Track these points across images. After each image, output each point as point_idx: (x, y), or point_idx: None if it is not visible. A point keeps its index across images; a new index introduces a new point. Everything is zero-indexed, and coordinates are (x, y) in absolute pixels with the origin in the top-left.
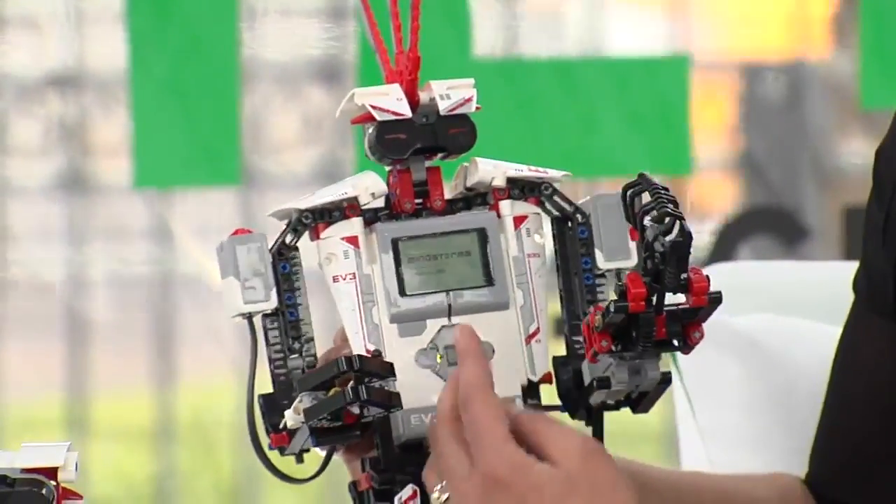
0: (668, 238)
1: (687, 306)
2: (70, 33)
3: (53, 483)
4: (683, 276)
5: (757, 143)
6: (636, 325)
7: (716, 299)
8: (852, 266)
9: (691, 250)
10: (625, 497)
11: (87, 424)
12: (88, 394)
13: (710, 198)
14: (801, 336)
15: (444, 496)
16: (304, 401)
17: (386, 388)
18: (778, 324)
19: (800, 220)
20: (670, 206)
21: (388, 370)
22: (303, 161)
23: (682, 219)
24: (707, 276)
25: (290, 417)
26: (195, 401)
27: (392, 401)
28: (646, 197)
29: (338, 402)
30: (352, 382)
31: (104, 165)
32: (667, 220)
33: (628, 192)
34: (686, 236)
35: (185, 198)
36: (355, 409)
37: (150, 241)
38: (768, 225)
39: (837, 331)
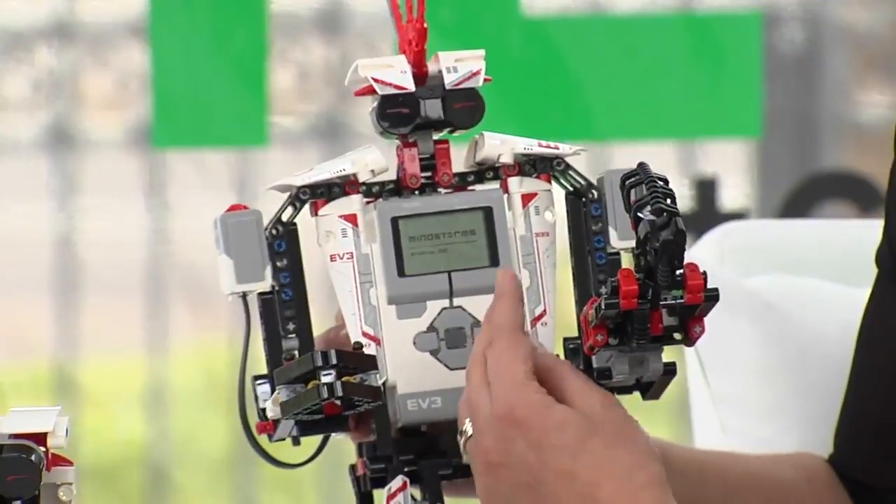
0: (662, 234)
1: (683, 303)
2: None
3: (43, 449)
4: (678, 272)
5: None
6: (630, 321)
7: (712, 296)
8: (868, 224)
9: (685, 246)
10: (644, 442)
11: (78, 388)
12: (79, 356)
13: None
14: (817, 298)
15: (469, 432)
16: (281, 393)
17: (367, 381)
18: (793, 285)
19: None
20: (666, 200)
21: (369, 364)
22: (302, 118)
23: (676, 215)
24: (704, 273)
25: (270, 408)
26: (189, 364)
27: (371, 395)
28: (643, 189)
29: (312, 399)
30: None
31: (96, 119)
32: (662, 216)
33: (626, 183)
34: (678, 234)
35: (178, 156)
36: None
37: (143, 199)
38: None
39: (854, 292)
